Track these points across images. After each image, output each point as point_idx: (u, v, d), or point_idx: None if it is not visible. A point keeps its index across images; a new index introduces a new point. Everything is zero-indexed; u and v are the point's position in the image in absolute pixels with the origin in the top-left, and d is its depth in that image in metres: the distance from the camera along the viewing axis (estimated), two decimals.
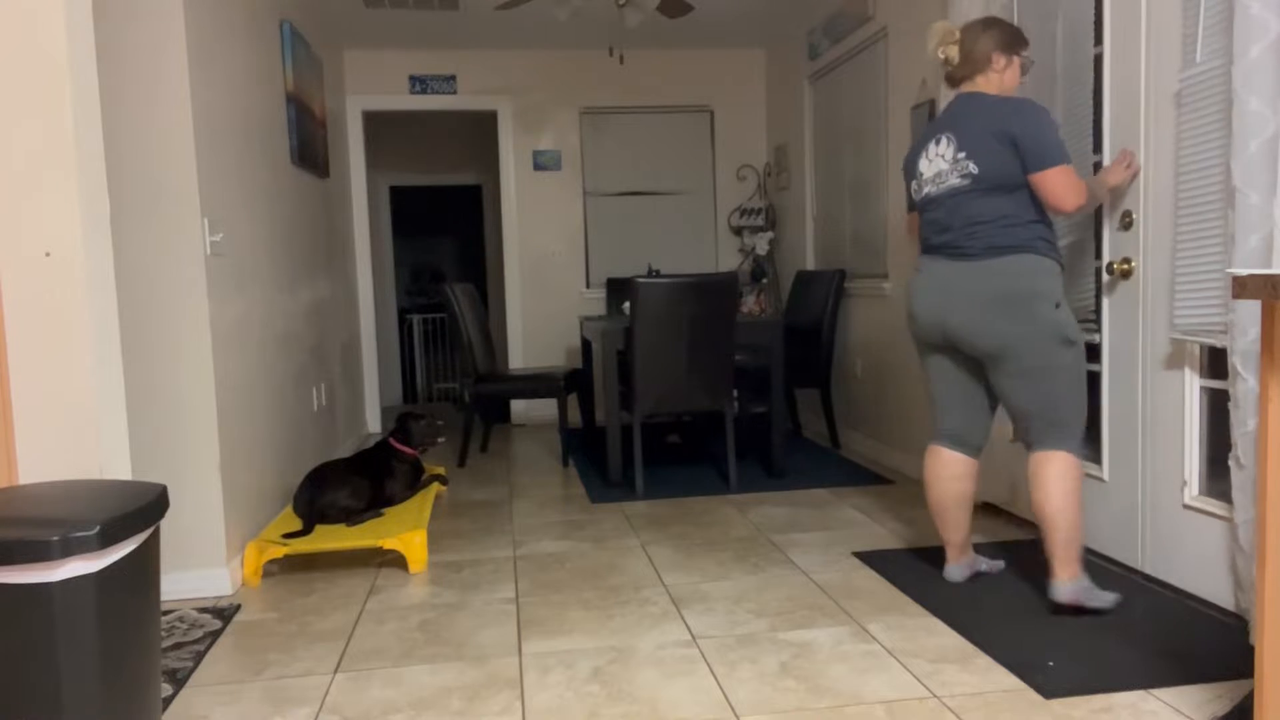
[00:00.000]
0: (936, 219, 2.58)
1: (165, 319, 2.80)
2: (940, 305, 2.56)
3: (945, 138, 2.55)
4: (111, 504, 1.58)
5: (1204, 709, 1.96)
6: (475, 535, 3.51)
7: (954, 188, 2.53)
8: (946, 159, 2.55)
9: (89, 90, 1.89)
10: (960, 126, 2.52)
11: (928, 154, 2.61)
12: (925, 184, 2.61)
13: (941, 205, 2.56)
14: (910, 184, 2.71)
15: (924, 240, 2.65)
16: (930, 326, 2.61)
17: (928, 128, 2.65)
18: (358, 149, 5.94)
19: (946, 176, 2.54)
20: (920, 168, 2.64)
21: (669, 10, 4.32)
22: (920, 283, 2.63)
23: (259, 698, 2.17)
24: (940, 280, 2.56)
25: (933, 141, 2.59)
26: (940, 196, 2.56)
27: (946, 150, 2.54)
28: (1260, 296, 1.48)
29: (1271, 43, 2.14)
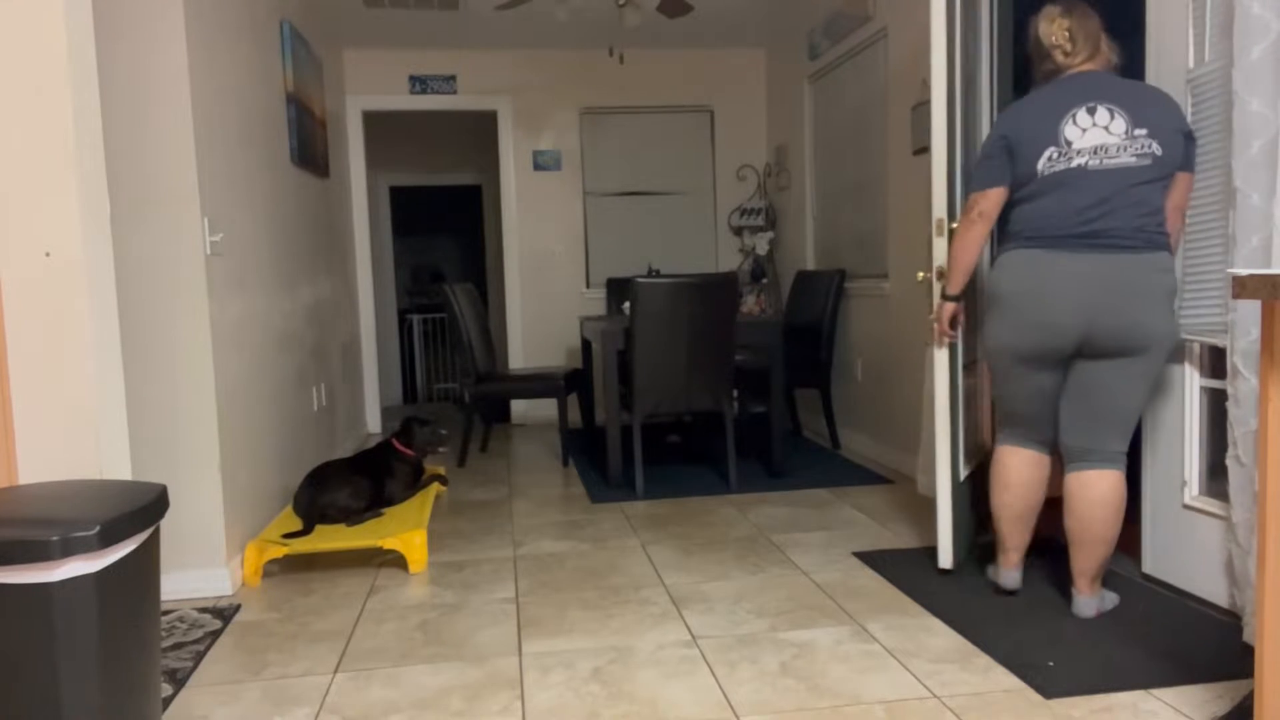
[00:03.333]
0: (1081, 199, 2.26)
1: (165, 319, 2.80)
2: (1102, 305, 2.26)
3: (1101, 108, 2.26)
4: (111, 504, 1.58)
5: (1204, 709, 1.96)
6: (475, 535, 3.51)
7: (1126, 166, 2.24)
8: (1116, 132, 2.25)
9: (89, 90, 1.89)
10: (1125, 103, 2.27)
11: (1074, 122, 2.27)
12: (1079, 154, 2.25)
13: (1094, 184, 2.25)
14: (1039, 151, 2.29)
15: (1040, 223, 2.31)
16: (1068, 332, 2.30)
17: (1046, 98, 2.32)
18: (358, 149, 5.94)
19: (1117, 152, 2.24)
20: (1066, 134, 2.27)
21: (669, 10, 4.32)
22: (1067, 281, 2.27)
23: (259, 698, 2.17)
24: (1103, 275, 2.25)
25: (1082, 109, 2.27)
26: (1104, 172, 2.25)
27: (1112, 121, 2.25)
28: (1260, 296, 1.48)
29: (1272, 43, 2.14)
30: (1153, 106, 2.27)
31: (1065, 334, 2.31)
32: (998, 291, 2.40)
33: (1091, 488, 2.39)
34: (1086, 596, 2.46)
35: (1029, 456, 2.54)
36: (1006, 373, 2.48)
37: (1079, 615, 2.47)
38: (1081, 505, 2.40)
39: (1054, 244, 2.30)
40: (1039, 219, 2.33)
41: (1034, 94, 2.38)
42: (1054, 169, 2.29)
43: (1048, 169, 2.30)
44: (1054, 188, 2.29)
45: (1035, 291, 2.32)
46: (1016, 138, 2.34)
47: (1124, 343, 2.28)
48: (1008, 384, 2.49)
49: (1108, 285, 2.25)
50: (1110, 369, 2.33)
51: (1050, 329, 2.32)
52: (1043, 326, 2.33)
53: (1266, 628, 1.56)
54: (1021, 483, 2.53)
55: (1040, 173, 2.31)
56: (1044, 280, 2.30)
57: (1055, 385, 2.45)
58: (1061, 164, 2.28)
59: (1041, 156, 2.30)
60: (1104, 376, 2.35)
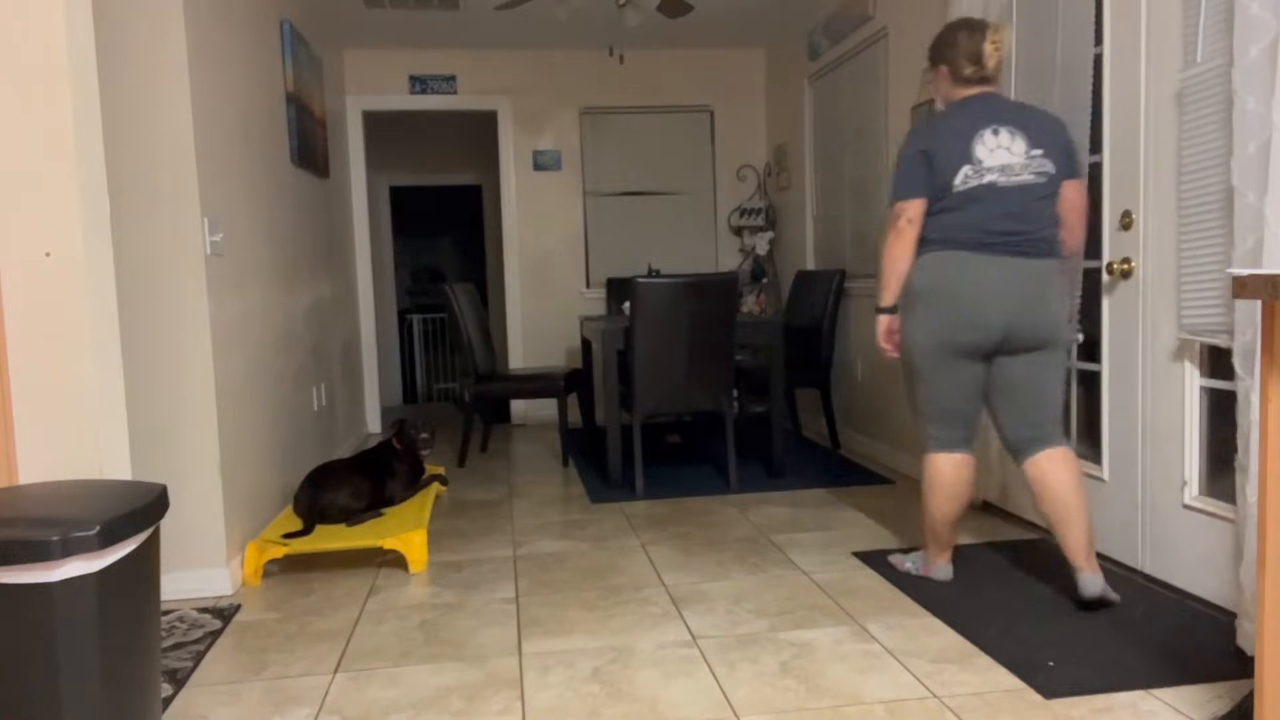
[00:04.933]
0: (994, 212, 2.49)
1: (165, 319, 2.80)
2: (1020, 305, 2.47)
3: (1004, 130, 2.50)
4: (111, 504, 1.58)
5: (1204, 709, 1.96)
6: (475, 535, 3.51)
7: (1027, 183, 2.49)
8: (1017, 152, 2.50)
9: (89, 90, 1.89)
10: (1024, 124, 2.52)
11: (983, 142, 2.50)
12: (988, 172, 2.49)
13: (1005, 199, 2.49)
14: (955, 168, 2.50)
15: (962, 230, 2.51)
16: (996, 328, 2.49)
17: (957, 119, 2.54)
18: (358, 149, 5.94)
19: (1020, 170, 2.49)
20: (977, 154, 2.50)
21: (669, 10, 4.32)
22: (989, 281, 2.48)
23: (259, 698, 2.17)
24: (1021, 276, 2.48)
25: (988, 130, 2.50)
26: (1011, 188, 2.49)
27: (1012, 144, 2.50)
28: (1260, 296, 1.48)
29: (1270, 43, 2.14)
30: (1044, 128, 2.54)
31: (994, 330, 2.51)
32: (928, 289, 2.55)
33: (1054, 466, 2.53)
34: (1090, 573, 2.49)
35: (960, 460, 2.66)
36: (937, 368, 2.60)
37: (1088, 594, 2.49)
38: (1053, 487, 2.52)
39: (978, 248, 2.50)
40: (959, 228, 2.53)
41: (945, 114, 2.59)
42: (968, 185, 2.51)
43: (963, 185, 2.51)
44: (969, 202, 2.51)
45: (968, 289, 2.50)
46: (934, 153, 2.54)
47: (1039, 338, 2.52)
48: (938, 380, 2.61)
49: (1024, 287, 2.48)
50: (1028, 363, 2.56)
51: (982, 325, 2.50)
52: (975, 323, 2.50)
53: (1266, 628, 1.56)
54: (957, 485, 2.67)
55: (956, 188, 2.52)
56: (975, 279, 2.49)
57: (981, 380, 2.62)
58: (975, 180, 2.50)
59: (958, 173, 2.52)
60: (1026, 371, 2.56)
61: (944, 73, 2.63)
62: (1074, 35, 2.95)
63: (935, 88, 2.69)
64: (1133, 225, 2.75)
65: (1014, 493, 3.47)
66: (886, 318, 2.69)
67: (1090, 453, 3.06)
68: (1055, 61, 3.05)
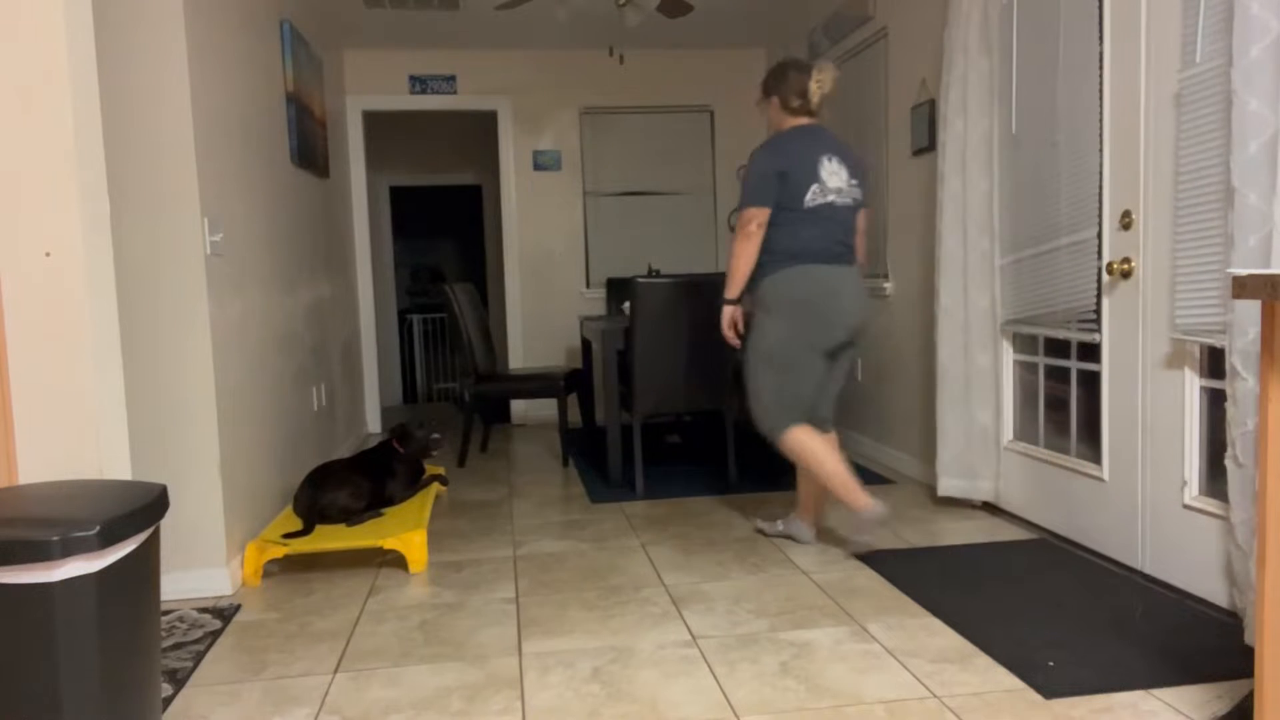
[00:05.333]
0: (834, 227, 2.96)
1: (165, 319, 2.80)
2: (854, 308, 2.99)
3: (834, 159, 2.98)
4: (111, 504, 1.58)
5: (1204, 709, 1.96)
6: (475, 535, 3.51)
7: (848, 204, 3.00)
8: (842, 179, 2.98)
9: (89, 90, 1.89)
10: (843, 155, 3.01)
11: (825, 167, 2.95)
12: (829, 192, 2.95)
13: (838, 217, 2.97)
14: (805, 187, 2.92)
15: (808, 244, 2.94)
16: (842, 329, 2.98)
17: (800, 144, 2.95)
18: (358, 149, 5.94)
19: (845, 195, 2.99)
20: (823, 176, 2.94)
21: (669, 10, 4.32)
22: (835, 290, 2.94)
23: (259, 698, 2.17)
24: (852, 284, 2.99)
25: (825, 158, 2.96)
26: (842, 208, 2.97)
27: (840, 171, 2.98)
28: (1260, 296, 1.48)
29: (1271, 43, 2.14)
30: (856, 161, 3.05)
31: (850, 329, 3.00)
32: (802, 298, 2.94)
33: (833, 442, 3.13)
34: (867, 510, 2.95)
35: (810, 427, 3.06)
36: (799, 364, 2.98)
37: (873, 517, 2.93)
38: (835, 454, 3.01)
39: (829, 260, 2.96)
40: (810, 241, 2.94)
41: (790, 138, 2.98)
42: (816, 202, 2.95)
43: (812, 201, 2.94)
44: (816, 217, 2.94)
45: (831, 297, 2.94)
46: (789, 172, 2.93)
47: (857, 335, 3.06)
48: (799, 374, 2.99)
49: (860, 293, 3.01)
50: (844, 357, 3.09)
51: (843, 325, 2.98)
52: (840, 324, 2.97)
53: (1266, 628, 1.56)
54: (830, 449, 3.02)
55: (806, 204, 2.94)
56: (836, 288, 2.95)
57: (825, 373, 3.06)
58: (820, 199, 2.95)
59: (808, 191, 2.94)
60: (842, 363, 3.10)
61: (775, 103, 3.06)
62: (1074, 35, 2.95)
63: (767, 115, 3.12)
64: (1132, 225, 2.75)
65: (1014, 493, 3.47)
66: (732, 308, 3.08)
67: (1090, 453, 3.06)
68: (1056, 62, 3.05)
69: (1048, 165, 3.11)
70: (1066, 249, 3.03)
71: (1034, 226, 3.21)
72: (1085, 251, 2.96)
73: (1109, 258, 2.86)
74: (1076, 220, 2.98)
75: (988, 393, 3.49)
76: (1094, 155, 2.90)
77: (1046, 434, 3.32)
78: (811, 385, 3.00)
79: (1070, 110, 2.98)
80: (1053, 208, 3.09)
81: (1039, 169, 3.16)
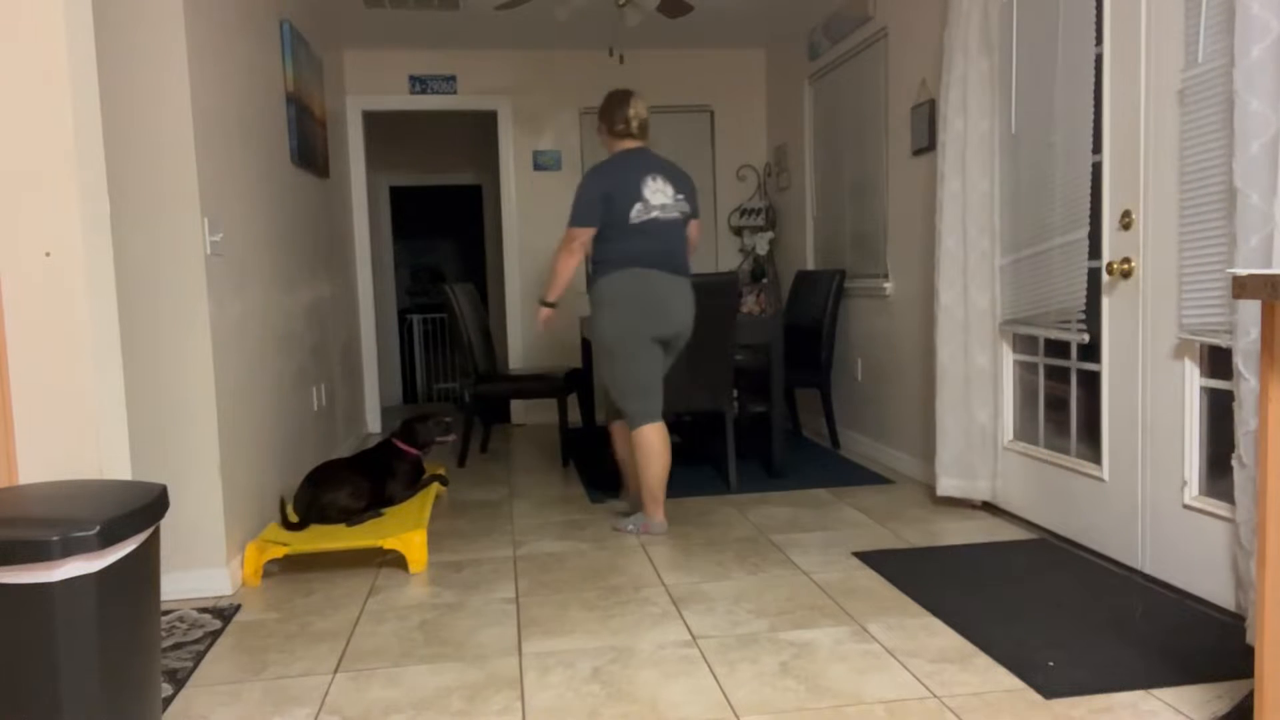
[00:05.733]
0: (660, 239, 3.29)
1: (165, 319, 2.80)
2: (682, 308, 3.34)
3: (659, 178, 3.32)
4: (111, 504, 1.58)
5: (1204, 709, 1.96)
6: (475, 535, 3.51)
7: (674, 219, 3.33)
8: (667, 196, 3.32)
9: (89, 90, 1.89)
10: (667, 173, 3.36)
11: (648, 186, 3.29)
12: (653, 209, 3.28)
13: (665, 230, 3.30)
14: (629, 206, 3.26)
15: (637, 254, 3.26)
16: (672, 324, 3.32)
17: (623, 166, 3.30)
18: (358, 149, 5.94)
19: (670, 209, 3.32)
20: (646, 194, 3.28)
21: (669, 10, 4.32)
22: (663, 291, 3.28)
23: (259, 698, 2.17)
24: (680, 289, 3.33)
25: (649, 178, 3.30)
26: (668, 222, 3.31)
27: (665, 188, 3.32)
28: (1260, 296, 1.48)
29: (1273, 43, 2.14)
30: (681, 178, 3.40)
31: (674, 325, 3.33)
32: (628, 296, 3.26)
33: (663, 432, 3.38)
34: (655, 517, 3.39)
35: (660, 428, 3.38)
36: (636, 354, 3.31)
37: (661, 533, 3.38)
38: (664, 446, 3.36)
39: (655, 266, 3.28)
40: (637, 251, 3.27)
41: (614, 163, 3.32)
42: (641, 219, 3.27)
43: (637, 218, 3.27)
44: (641, 231, 3.27)
45: (657, 295, 3.28)
46: (613, 193, 3.26)
47: (685, 334, 3.41)
48: (638, 363, 3.32)
49: (682, 296, 3.34)
50: (671, 353, 3.46)
51: (667, 320, 3.30)
52: (665, 319, 3.30)
53: (1266, 628, 1.56)
54: (662, 446, 3.37)
55: (632, 220, 3.27)
56: (660, 287, 3.28)
57: (661, 361, 3.39)
58: (645, 215, 3.27)
59: (632, 209, 3.27)
60: (667, 359, 3.45)
61: (604, 128, 3.42)
62: (1074, 35, 2.95)
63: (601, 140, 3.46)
64: (1133, 225, 2.75)
65: (1014, 493, 3.47)
66: (549, 310, 3.49)
67: (1090, 453, 3.06)
68: (1056, 62, 3.05)
69: (1046, 165, 3.11)
70: (1060, 249, 3.03)
71: (1032, 226, 3.21)
72: (1078, 252, 2.95)
73: (1109, 257, 2.86)
74: (1070, 220, 2.98)
75: (987, 392, 3.49)
76: (1088, 155, 2.90)
77: (1046, 434, 3.32)
78: (651, 372, 3.34)
79: (1066, 111, 2.98)
80: (1049, 208, 3.09)
81: (1038, 169, 3.16)
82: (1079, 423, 3.13)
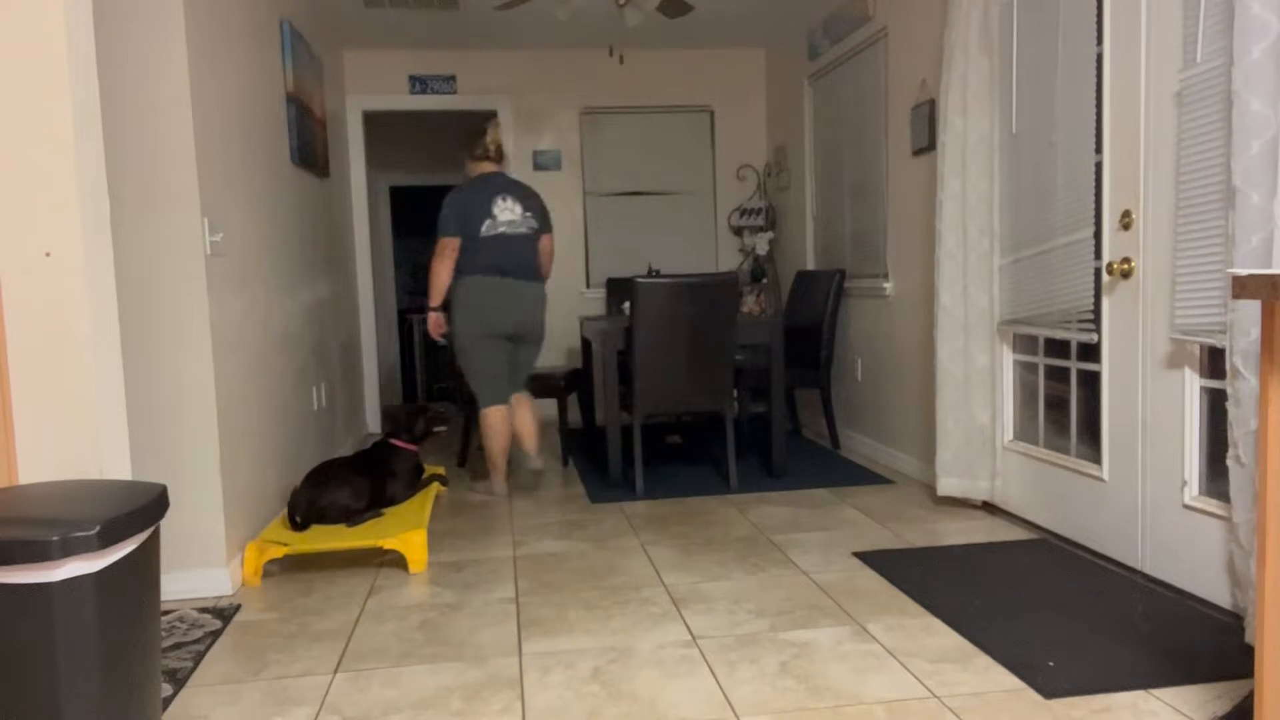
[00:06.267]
0: (507, 251, 3.87)
1: (165, 319, 2.80)
2: (523, 309, 3.91)
3: (509, 198, 3.91)
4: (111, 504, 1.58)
5: (1204, 709, 1.96)
6: (475, 535, 3.51)
7: (521, 234, 3.92)
8: (515, 214, 3.90)
9: (89, 90, 1.89)
10: (516, 193, 3.95)
11: (497, 205, 3.88)
12: (500, 225, 3.87)
13: (512, 243, 3.88)
14: (480, 222, 3.85)
15: (486, 264, 3.84)
16: (512, 323, 3.90)
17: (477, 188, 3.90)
18: (358, 149, 5.94)
19: (518, 225, 3.90)
20: (495, 212, 3.87)
21: (669, 10, 4.32)
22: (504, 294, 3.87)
23: (259, 698, 2.17)
24: (522, 292, 3.91)
25: (499, 198, 3.89)
26: (514, 236, 3.89)
27: (514, 207, 3.90)
28: (1260, 296, 1.48)
29: (1272, 43, 2.14)
30: (530, 197, 3.99)
31: (510, 324, 3.90)
32: (471, 300, 3.85)
33: (521, 404, 4.06)
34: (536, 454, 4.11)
35: (504, 411, 3.98)
36: (483, 347, 3.91)
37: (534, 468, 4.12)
38: (525, 413, 4.07)
39: (499, 274, 3.86)
40: (485, 261, 3.85)
41: (471, 184, 3.93)
42: (490, 233, 3.86)
43: (487, 232, 3.86)
44: (490, 243, 3.85)
45: (500, 299, 3.86)
46: (469, 210, 3.85)
47: (530, 333, 4.00)
48: (485, 355, 3.91)
49: (524, 301, 3.92)
50: (524, 349, 4.07)
51: (508, 320, 3.89)
52: (505, 319, 3.88)
53: (1266, 628, 1.56)
54: (505, 426, 3.99)
55: (482, 234, 3.85)
56: (503, 293, 3.87)
57: (506, 354, 3.98)
58: (494, 230, 3.86)
59: (483, 224, 3.86)
60: (523, 353, 4.08)
61: (466, 154, 4.04)
62: (1074, 35, 2.95)
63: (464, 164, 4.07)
64: (1133, 225, 2.75)
65: (1014, 493, 3.47)
66: (435, 314, 3.97)
67: (1090, 453, 3.06)
68: (1056, 62, 3.05)
69: (1046, 165, 3.11)
70: (1063, 249, 3.03)
71: (1033, 226, 3.21)
72: (1082, 251, 2.96)
73: (1109, 258, 2.86)
74: (1073, 220, 2.98)
75: (987, 393, 3.49)
76: (1090, 155, 2.90)
77: (1046, 434, 3.32)
78: (496, 363, 3.93)
79: (1067, 110, 2.98)
80: (1050, 208, 3.09)
81: (1038, 169, 3.16)
82: (1079, 423, 3.13)
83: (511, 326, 3.90)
